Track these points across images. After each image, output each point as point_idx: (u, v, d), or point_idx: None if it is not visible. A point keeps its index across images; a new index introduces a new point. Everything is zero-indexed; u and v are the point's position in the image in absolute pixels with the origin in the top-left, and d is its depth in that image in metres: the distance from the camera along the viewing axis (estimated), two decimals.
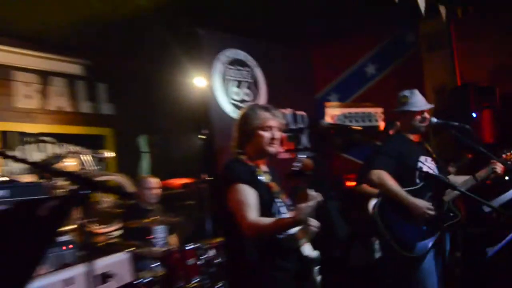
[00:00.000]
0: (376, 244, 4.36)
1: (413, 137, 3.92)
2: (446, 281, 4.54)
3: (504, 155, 3.90)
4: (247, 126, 2.94)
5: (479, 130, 5.68)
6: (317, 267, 2.85)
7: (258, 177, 2.89)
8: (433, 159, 3.89)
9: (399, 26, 6.96)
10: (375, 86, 7.25)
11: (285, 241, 2.80)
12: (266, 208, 2.83)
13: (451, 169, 4.05)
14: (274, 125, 2.92)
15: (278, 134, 2.94)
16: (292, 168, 2.64)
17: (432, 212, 3.63)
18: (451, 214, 3.75)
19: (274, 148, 2.92)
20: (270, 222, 2.73)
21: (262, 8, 5.92)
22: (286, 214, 2.90)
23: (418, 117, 3.87)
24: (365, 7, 6.05)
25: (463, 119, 4.31)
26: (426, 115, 3.92)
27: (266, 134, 2.90)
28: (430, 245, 3.64)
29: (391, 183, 3.68)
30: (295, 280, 2.83)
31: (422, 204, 3.65)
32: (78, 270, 2.04)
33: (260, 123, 2.90)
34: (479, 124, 5.75)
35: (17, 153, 6.15)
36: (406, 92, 3.96)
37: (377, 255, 4.78)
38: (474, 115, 5.81)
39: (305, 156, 2.77)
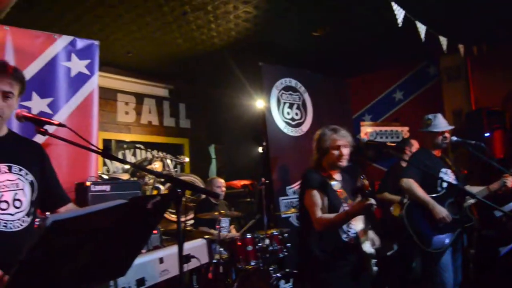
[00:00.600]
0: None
1: (435, 152, 3.86)
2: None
3: None
4: (321, 146, 3.02)
5: (491, 147, 5.58)
6: (374, 261, 2.85)
7: (330, 184, 2.95)
8: (452, 171, 3.82)
9: (424, 61, 6.93)
10: (402, 109, 7.21)
11: (349, 239, 2.88)
12: (335, 209, 2.89)
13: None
14: (341, 144, 2.97)
15: (345, 151, 2.99)
16: (356, 186, 2.78)
17: (449, 219, 3.57)
18: (467, 218, 3.68)
19: (342, 163, 2.99)
20: (332, 216, 2.82)
21: (311, 46, 6.04)
22: None
23: (440, 136, 3.82)
24: (395, 46, 6.08)
25: (477, 138, 4.26)
26: (447, 134, 3.86)
27: (336, 152, 2.97)
28: (447, 243, 3.59)
29: (419, 190, 3.64)
30: (355, 270, 2.87)
31: (443, 211, 3.59)
32: (168, 251, 2.07)
33: (331, 143, 2.98)
34: (491, 142, 5.64)
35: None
36: (431, 116, 3.91)
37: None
38: (487, 134, 5.70)
39: (362, 178, 2.81)
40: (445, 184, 3.72)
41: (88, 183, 3.65)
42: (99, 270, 1.48)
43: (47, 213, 2.67)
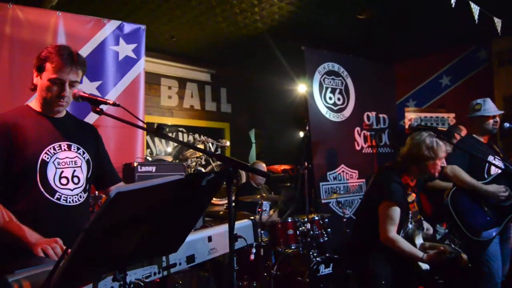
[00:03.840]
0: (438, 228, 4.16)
1: (483, 139, 3.74)
2: None
3: None
4: (420, 153, 2.85)
5: None
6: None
7: (407, 195, 2.85)
8: (501, 158, 3.68)
9: (474, 44, 6.65)
10: (448, 95, 6.96)
11: None
12: (400, 225, 2.80)
13: None
14: (442, 156, 2.87)
15: (442, 163, 2.89)
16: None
17: (506, 193, 3.44)
18: None
19: (436, 174, 2.91)
20: (407, 248, 2.70)
21: (355, 30, 5.92)
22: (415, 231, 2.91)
23: (491, 120, 3.69)
24: (443, 29, 5.87)
25: None
26: (498, 119, 3.74)
27: (433, 165, 2.86)
28: (494, 233, 3.46)
29: (464, 175, 3.52)
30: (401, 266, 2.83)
31: (496, 188, 3.46)
32: (216, 230, 2.09)
33: (433, 155, 2.84)
34: None
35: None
36: (480, 100, 3.78)
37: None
38: None
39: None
40: (493, 171, 3.60)
41: (135, 164, 3.76)
42: (155, 244, 1.53)
43: (96, 192, 2.78)
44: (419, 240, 2.83)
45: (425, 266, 2.74)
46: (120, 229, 1.25)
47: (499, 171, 3.59)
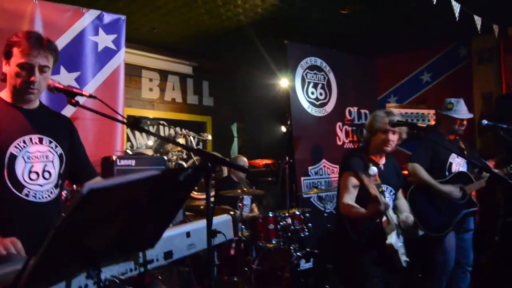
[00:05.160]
0: None
1: (449, 137, 3.87)
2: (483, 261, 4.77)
3: None
4: (372, 126, 2.98)
5: None
6: (402, 251, 2.86)
7: (369, 170, 2.86)
8: (464, 156, 3.80)
9: (454, 42, 6.72)
10: (429, 91, 7.04)
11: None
12: (362, 197, 2.85)
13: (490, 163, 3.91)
14: (391, 129, 2.91)
15: (393, 137, 2.94)
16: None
17: (459, 194, 3.59)
18: (471, 203, 3.72)
19: (388, 148, 2.96)
20: (354, 209, 2.80)
21: (338, 24, 5.92)
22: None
23: (459, 122, 3.81)
24: (424, 26, 5.91)
25: (507, 122, 4.15)
26: (465, 122, 3.86)
27: (383, 136, 2.93)
28: (449, 228, 3.64)
29: (423, 173, 3.63)
30: (380, 261, 2.87)
31: (450, 189, 3.61)
32: (194, 226, 2.05)
33: (381, 126, 2.92)
34: None
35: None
36: (453, 100, 3.88)
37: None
38: None
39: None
40: (454, 169, 3.76)
41: (114, 158, 3.69)
42: (130, 241, 1.50)
43: (74, 186, 2.71)
44: (392, 240, 2.82)
45: (394, 242, 2.80)
46: (93, 226, 1.21)
47: (460, 168, 3.77)
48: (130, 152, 5.07)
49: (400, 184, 3.24)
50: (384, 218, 2.83)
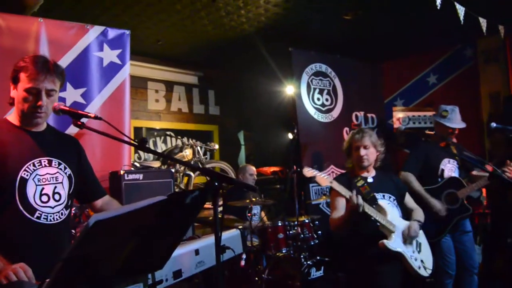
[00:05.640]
0: None
1: (441, 143, 3.97)
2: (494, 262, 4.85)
3: None
4: (346, 147, 3.23)
5: None
6: (417, 258, 2.98)
7: (355, 181, 3.04)
8: (456, 161, 3.94)
9: (460, 43, 6.68)
10: (435, 93, 7.00)
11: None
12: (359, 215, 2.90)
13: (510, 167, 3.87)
14: (359, 145, 3.10)
15: (362, 152, 3.08)
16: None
17: (443, 213, 3.72)
18: (464, 208, 3.79)
19: (363, 163, 3.11)
20: (337, 216, 3.00)
21: (342, 30, 5.92)
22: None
23: (450, 131, 3.89)
24: (429, 29, 5.89)
25: None
26: (456, 131, 3.92)
27: (355, 154, 3.13)
28: (443, 233, 3.75)
29: (415, 183, 3.78)
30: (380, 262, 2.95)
31: (437, 204, 3.73)
32: (203, 243, 2.06)
33: (352, 145, 3.15)
34: None
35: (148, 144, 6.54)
36: (448, 108, 3.95)
37: None
38: None
39: None
40: (446, 175, 3.86)
41: (121, 172, 3.70)
42: (138, 264, 1.50)
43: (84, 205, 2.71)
44: (391, 243, 2.92)
45: (396, 247, 2.91)
46: (101, 255, 1.21)
47: (452, 174, 3.88)
48: (138, 165, 5.09)
49: (400, 189, 3.30)
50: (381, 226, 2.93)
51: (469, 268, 3.88)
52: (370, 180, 3.13)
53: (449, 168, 3.92)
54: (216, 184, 1.63)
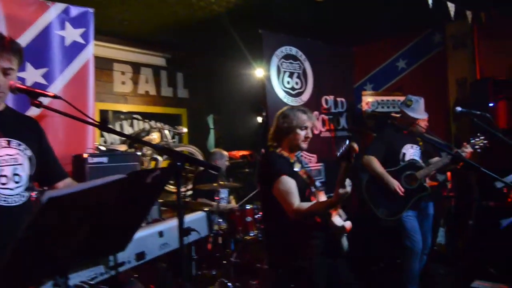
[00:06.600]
0: None
1: (404, 130, 4.18)
2: (458, 243, 5.14)
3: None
4: (287, 125, 2.91)
5: (495, 118, 5.54)
6: (345, 235, 2.85)
7: (294, 168, 2.88)
8: (419, 147, 4.21)
9: (429, 28, 6.81)
10: (404, 78, 7.14)
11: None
12: (302, 194, 2.80)
13: (465, 149, 4.07)
14: (309, 125, 2.94)
15: (311, 134, 2.97)
16: (341, 152, 2.44)
17: (400, 190, 3.96)
18: (422, 188, 4.05)
19: (305, 145, 2.95)
20: (314, 206, 2.68)
21: (312, 13, 5.92)
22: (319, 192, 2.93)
23: (411, 121, 4.14)
24: (399, 13, 5.97)
25: (481, 107, 4.27)
26: (418, 122, 4.16)
27: (302, 133, 2.90)
28: (402, 212, 4.01)
29: (376, 165, 4.04)
30: (327, 246, 2.84)
31: (395, 183, 3.98)
32: (167, 225, 2.05)
33: (299, 123, 2.90)
34: (495, 112, 5.60)
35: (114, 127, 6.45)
36: (413, 98, 4.20)
37: None
38: (491, 104, 5.66)
39: (347, 141, 2.80)
40: (407, 158, 4.13)
41: (85, 155, 3.65)
42: (98, 245, 1.49)
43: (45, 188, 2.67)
44: (337, 221, 2.76)
45: (340, 224, 2.75)
46: (58, 233, 1.20)
47: (413, 157, 4.14)
48: (104, 148, 5.02)
49: None
50: None
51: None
52: (299, 164, 3.00)
53: (412, 152, 4.16)
54: (179, 164, 1.62)
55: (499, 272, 4.42)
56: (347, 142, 2.45)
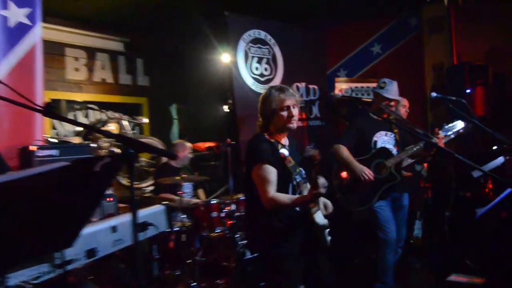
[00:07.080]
0: None
1: (379, 116, 4.18)
2: (434, 236, 5.26)
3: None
4: (268, 108, 2.89)
5: (472, 104, 5.69)
6: (327, 231, 2.89)
7: (278, 151, 2.86)
8: (394, 134, 4.26)
9: (405, 11, 6.90)
10: (379, 64, 7.22)
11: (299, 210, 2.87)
12: (284, 184, 2.84)
13: (438, 135, 4.19)
14: (290, 103, 2.88)
15: (295, 111, 2.91)
16: (304, 156, 2.63)
17: (366, 176, 3.99)
18: (392, 176, 4.09)
19: (293, 124, 2.91)
20: (287, 199, 2.75)
21: None
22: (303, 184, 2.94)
23: (386, 102, 4.15)
24: None
25: (458, 94, 4.37)
26: (392, 103, 4.23)
27: (285, 113, 2.87)
28: (371, 201, 4.05)
29: (344, 153, 4.08)
30: (306, 242, 2.87)
31: (362, 168, 4.01)
32: (121, 219, 2.05)
33: (279, 104, 2.87)
34: (472, 99, 5.75)
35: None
36: (387, 80, 4.25)
37: None
38: (468, 90, 5.81)
39: (312, 147, 2.86)
40: (379, 146, 4.18)
41: (33, 148, 3.57)
42: (41, 240, 1.46)
43: None
44: (319, 218, 2.85)
45: (322, 221, 2.86)
46: None
47: (386, 145, 4.18)
48: (55, 141, 4.92)
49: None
50: None
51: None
52: (287, 148, 3.00)
53: (385, 140, 4.21)
54: (131, 151, 1.58)
55: (475, 264, 4.57)
56: (311, 147, 2.53)
